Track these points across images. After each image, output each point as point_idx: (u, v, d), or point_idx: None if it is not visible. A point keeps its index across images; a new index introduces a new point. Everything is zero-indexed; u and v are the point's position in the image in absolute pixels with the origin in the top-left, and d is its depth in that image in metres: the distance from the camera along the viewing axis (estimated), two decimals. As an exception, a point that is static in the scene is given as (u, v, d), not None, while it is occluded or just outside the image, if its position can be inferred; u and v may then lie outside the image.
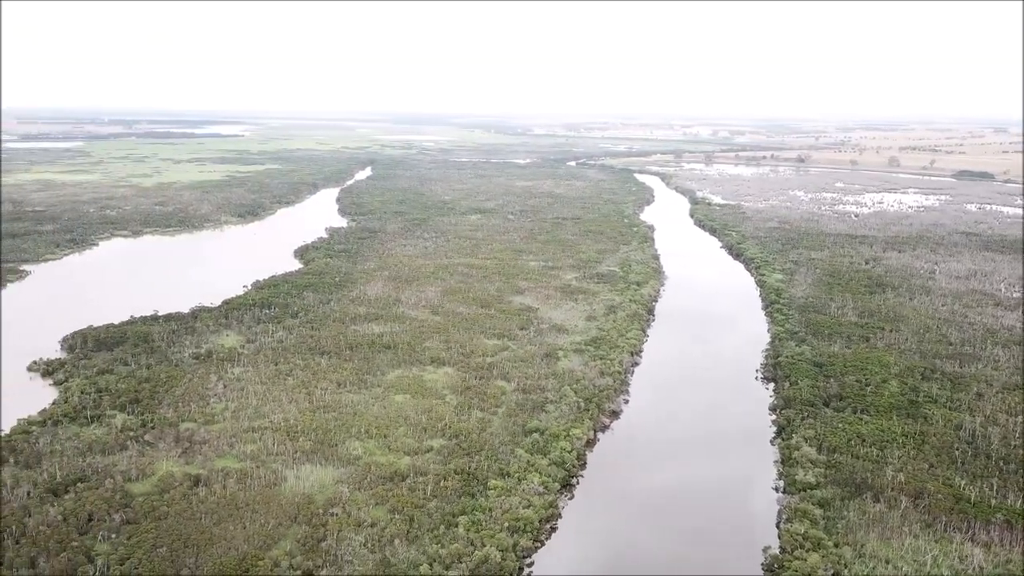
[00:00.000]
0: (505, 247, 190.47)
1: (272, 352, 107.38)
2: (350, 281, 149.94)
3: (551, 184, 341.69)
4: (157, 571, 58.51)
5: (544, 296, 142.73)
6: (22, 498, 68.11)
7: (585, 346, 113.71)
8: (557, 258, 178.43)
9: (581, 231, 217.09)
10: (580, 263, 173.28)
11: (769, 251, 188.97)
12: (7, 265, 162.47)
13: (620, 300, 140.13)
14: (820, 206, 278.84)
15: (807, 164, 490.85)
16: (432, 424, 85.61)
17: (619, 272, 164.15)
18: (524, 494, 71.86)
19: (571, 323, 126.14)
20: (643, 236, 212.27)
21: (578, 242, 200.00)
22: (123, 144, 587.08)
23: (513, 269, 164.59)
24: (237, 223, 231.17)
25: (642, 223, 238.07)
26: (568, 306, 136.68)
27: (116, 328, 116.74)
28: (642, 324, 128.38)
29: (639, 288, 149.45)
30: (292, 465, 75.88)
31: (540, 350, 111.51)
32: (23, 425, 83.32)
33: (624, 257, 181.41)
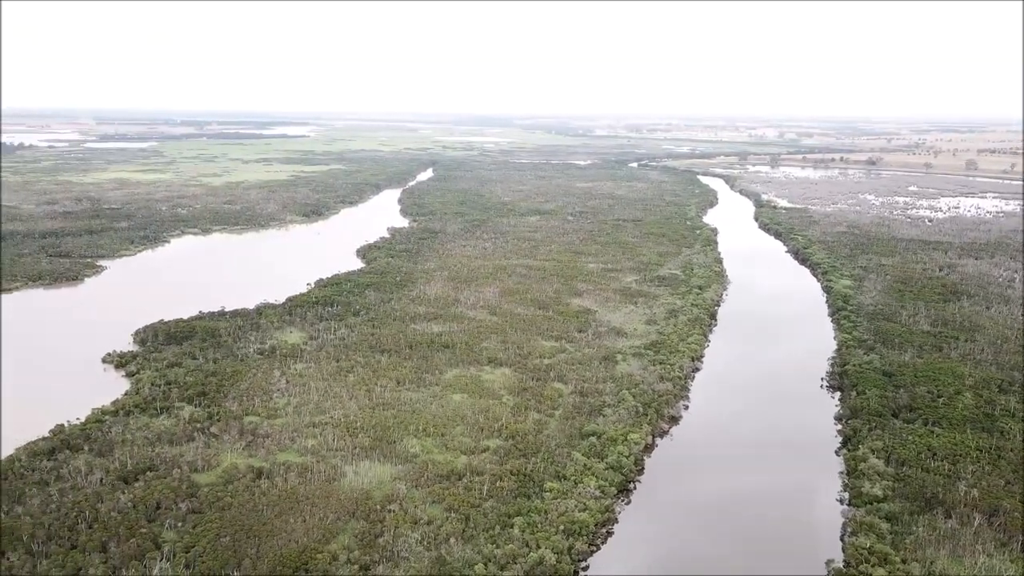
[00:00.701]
0: (564, 249, 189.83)
1: (334, 349, 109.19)
2: (410, 281, 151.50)
3: (611, 186, 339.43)
4: (220, 560, 59.98)
5: (603, 298, 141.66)
6: (95, 484, 70.70)
7: (644, 350, 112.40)
8: (617, 260, 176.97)
9: (642, 233, 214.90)
10: (640, 266, 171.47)
11: (837, 256, 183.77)
12: (85, 260, 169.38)
13: (681, 304, 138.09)
14: (892, 210, 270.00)
15: (878, 167, 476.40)
16: (489, 424, 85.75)
17: (681, 275, 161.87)
18: (580, 497, 71.33)
19: (630, 326, 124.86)
20: (706, 239, 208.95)
21: (639, 244, 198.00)
22: (194, 144, 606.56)
23: (572, 271, 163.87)
24: (302, 222, 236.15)
25: (705, 226, 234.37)
26: (627, 309, 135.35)
27: (185, 323, 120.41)
28: (704, 329, 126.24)
29: (701, 292, 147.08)
30: (351, 461, 76.94)
31: (598, 353, 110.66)
32: (97, 414, 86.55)
33: (686, 260, 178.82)
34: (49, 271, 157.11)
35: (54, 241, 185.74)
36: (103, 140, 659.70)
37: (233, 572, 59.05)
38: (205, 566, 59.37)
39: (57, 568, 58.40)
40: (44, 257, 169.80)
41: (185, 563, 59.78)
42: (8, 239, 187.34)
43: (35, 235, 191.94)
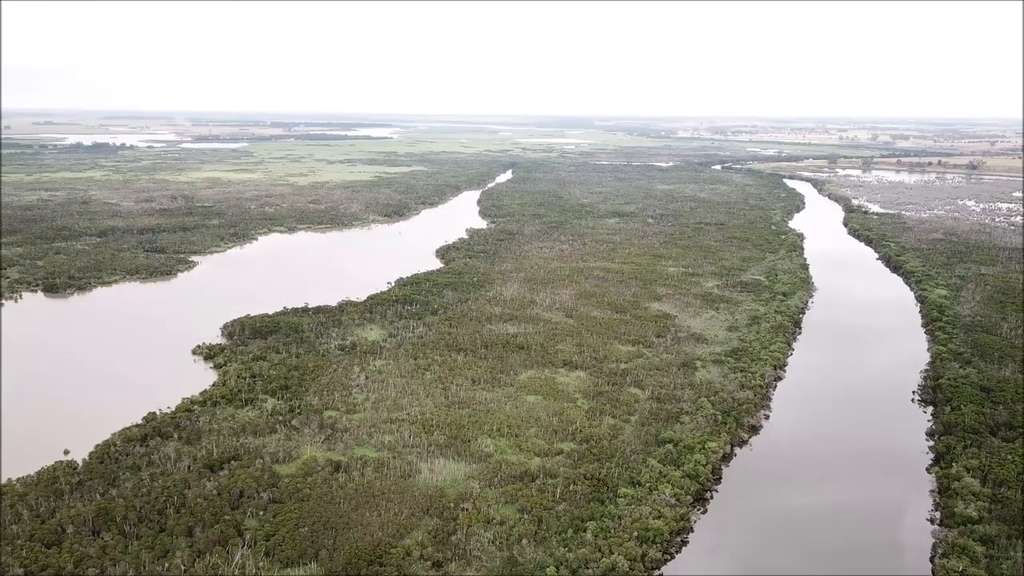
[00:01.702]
0: (643, 252, 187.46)
1: (412, 347, 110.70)
2: (487, 281, 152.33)
3: (694, 188, 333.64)
4: (298, 550, 61.44)
5: (683, 303, 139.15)
6: (183, 471, 73.58)
7: (725, 357, 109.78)
8: (698, 264, 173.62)
9: (724, 237, 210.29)
10: (722, 270, 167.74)
11: (932, 264, 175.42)
12: (179, 256, 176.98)
13: (764, 310, 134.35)
14: (994, 217, 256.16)
15: (980, 171, 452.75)
16: (563, 427, 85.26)
17: (764, 281, 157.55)
18: (655, 504, 70.08)
19: (711, 332, 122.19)
20: (792, 244, 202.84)
21: (721, 248, 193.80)
22: (282, 145, 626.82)
23: (651, 274, 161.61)
24: (383, 222, 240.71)
25: (791, 231, 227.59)
26: (708, 315, 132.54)
27: (270, 318, 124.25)
28: (787, 336, 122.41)
29: (786, 299, 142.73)
30: (426, 458, 77.72)
31: (677, 359, 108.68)
32: (186, 404, 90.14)
33: (770, 266, 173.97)
34: (145, 266, 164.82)
35: (150, 237, 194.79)
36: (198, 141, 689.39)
37: (311, 562, 60.41)
38: (284, 555, 60.92)
39: (147, 550, 60.95)
40: (141, 252, 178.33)
41: (265, 551, 61.49)
42: (109, 234, 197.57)
43: (133, 231, 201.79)
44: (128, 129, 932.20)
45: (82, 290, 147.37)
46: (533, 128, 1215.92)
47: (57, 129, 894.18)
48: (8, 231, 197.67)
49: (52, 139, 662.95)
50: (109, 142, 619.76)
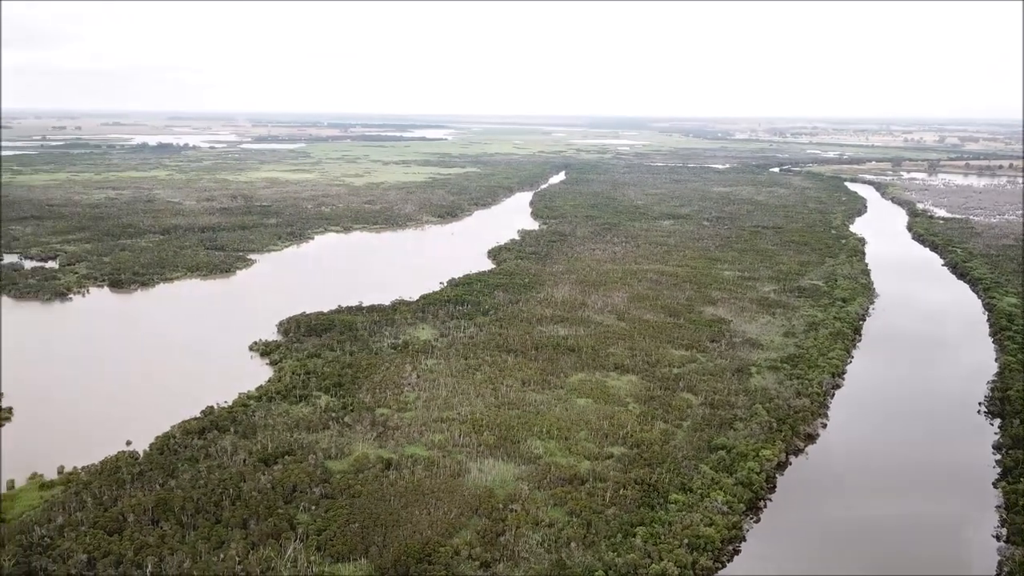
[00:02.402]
0: (698, 255, 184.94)
1: (463, 347, 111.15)
2: (538, 283, 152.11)
3: (751, 191, 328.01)
4: (349, 545, 62.14)
5: (738, 308, 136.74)
6: (239, 464, 75.15)
7: (781, 363, 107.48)
8: (754, 268, 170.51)
9: (782, 241, 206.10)
10: (779, 275, 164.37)
11: (1002, 271, 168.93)
12: (238, 254, 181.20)
13: (823, 317, 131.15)
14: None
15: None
16: (613, 431, 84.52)
17: (823, 286, 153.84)
18: (706, 512, 68.92)
19: (767, 338, 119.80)
20: (852, 249, 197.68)
21: (778, 252, 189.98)
22: (339, 146, 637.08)
23: (706, 278, 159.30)
24: (437, 223, 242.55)
25: (852, 235, 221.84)
26: (764, 320, 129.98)
27: (325, 316, 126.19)
28: (847, 344, 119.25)
29: (845, 305, 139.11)
30: (476, 458, 77.88)
31: (731, 364, 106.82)
32: (243, 399, 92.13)
33: (829, 271, 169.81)
34: (206, 263, 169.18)
35: (211, 235, 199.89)
36: (257, 141, 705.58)
37: (361, 558, 61.03)
38: (335, 550, 61.69)
39: (203, 541, 62.39)
40: (202, 250, 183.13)
41: (317, 546, 62.36)
42: (172, 232, 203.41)
43: (195, 229, 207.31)
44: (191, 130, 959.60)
45: (145, 286, 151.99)
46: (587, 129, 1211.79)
47: (124, 130, 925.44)
48: (77, 228, 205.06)
49: (120, 139, 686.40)
50: (173, 142, 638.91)
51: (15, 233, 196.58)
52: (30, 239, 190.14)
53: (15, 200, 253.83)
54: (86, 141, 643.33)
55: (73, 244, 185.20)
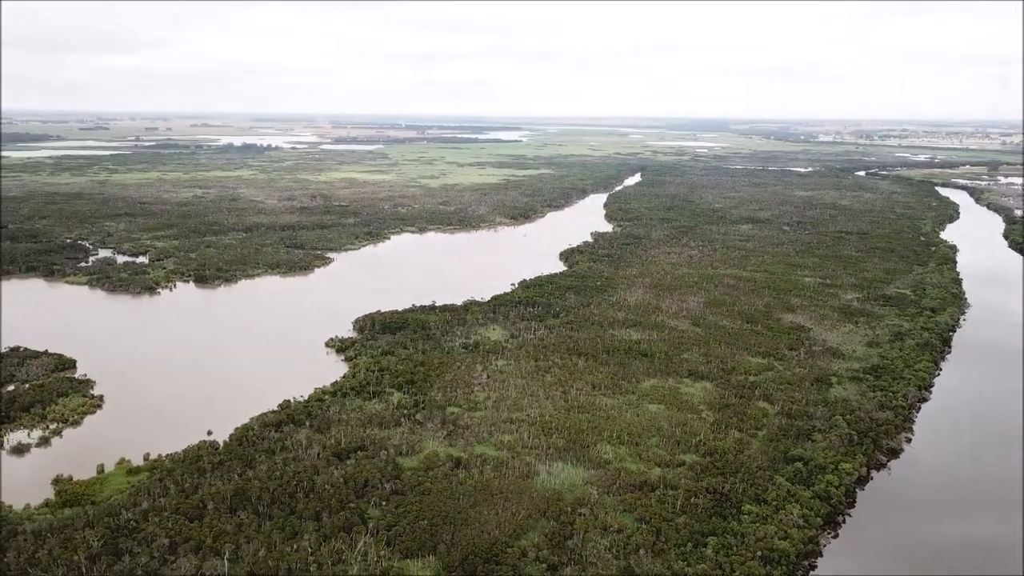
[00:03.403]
0: (778, 260, 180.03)
1: (533, 349, 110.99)
2: (611, 286, 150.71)
3: (834, 195, 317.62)
4: (418, 542, 62.70)
5: (819, 315, 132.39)
6: (313, 458, 76.79)
7: (864, 374, 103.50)
8: (837, 275, 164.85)
9: (867, 247, 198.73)
10: (863, 282, 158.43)
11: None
12: (316, 252, 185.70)
13: (910, 327, 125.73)
14: None
15: None
16: (686, 438, 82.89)
17: (910, 295, 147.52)
18: (781, 524, 66.83)
19: (848, 347, 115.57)
20: (943, 257, 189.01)
21: (862, 259, 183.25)
22: (416, 148, 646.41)
23: (785, 284, 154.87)
24: (510, 224, 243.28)
25: (942, 242, 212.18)
26: (846, 328, 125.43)
27: (399, 314, 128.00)
28: (934, 355, 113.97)
29: (934, 315, 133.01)
30: (544, 460, 77.54)
31: (810, 373, 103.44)
32: (318, 394, 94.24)
33: (917, 279, 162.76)
34: (285, 260, 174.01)
35: (291, 234, 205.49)
36: (337, 142, 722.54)
37: (429, 555, 61.48)
38: (404, 546, 62.35)
39: (278, 531, 63.99)
40: (282, 248, 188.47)
41: (386, 540, 63.16)
42: (254, 230, 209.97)
43: (276, 228, 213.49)
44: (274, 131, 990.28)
45: (228, 282, 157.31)
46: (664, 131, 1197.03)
47: (212, 131, 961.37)
48: (166, 225, 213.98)
49: (207, 140, 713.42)
50: (257, 143, 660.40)
51: (109, 229, 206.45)
52: (123, 235, 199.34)
53: (109, 198, 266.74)
54: (176, 142, 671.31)
55: (162, 240, 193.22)
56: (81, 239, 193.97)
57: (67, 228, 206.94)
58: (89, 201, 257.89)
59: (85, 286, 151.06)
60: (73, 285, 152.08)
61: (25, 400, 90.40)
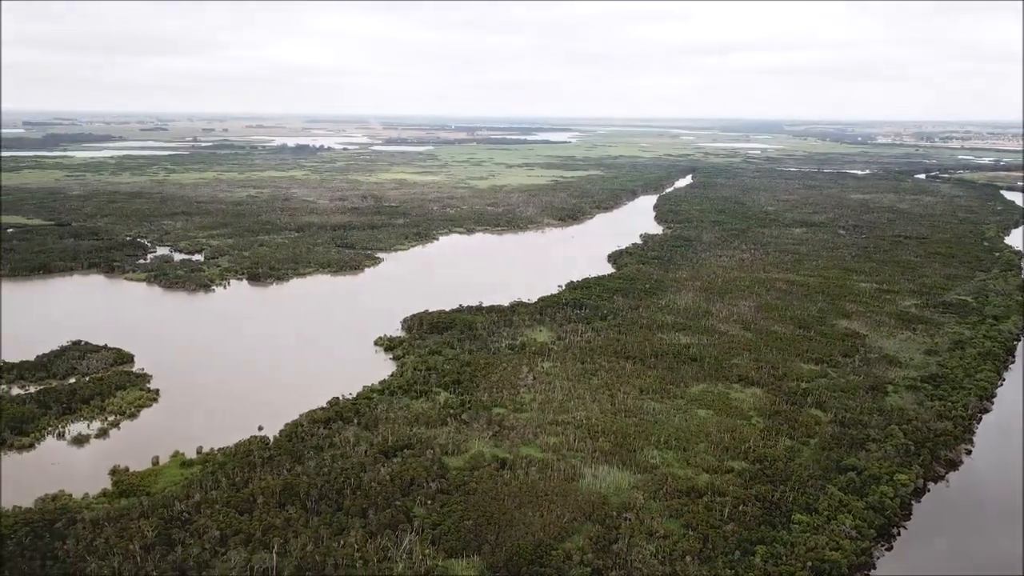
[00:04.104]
0: (832, 264, 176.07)
1: (580, 351, 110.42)
2: (660, 288, 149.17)
3: (892, 198, 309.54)
4: (463, 541, 62.85)
5: (875, 322, 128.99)
6: (360, 455, 77.54)
7: (921, 383, 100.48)
8: (894, 281, 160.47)
9: (926, 252, 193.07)
10: (922, 288, 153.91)
11: None
12: (366, 252, 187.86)
13: (971, 335, 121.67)
14: None
15: None
16: (735, 445, 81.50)
17: (972, 302, 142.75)
18: (833, 535, 65.19)
19: (905, 355, 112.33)
20: (1007, 263, 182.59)
21: (921, 264, 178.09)
22: (465, 149, 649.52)
23: (840, 289, 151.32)
24: (558, 226, 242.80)
25: (1007, 247, 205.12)
26: (903, 336, 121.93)
27: (446, 314, 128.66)
28: (997, 365, 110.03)
29: (997, 323, 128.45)
30: (590, 463, 77.03)
31: (865, 381, 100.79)
32: (366, 392, 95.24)
33: (979, 285, 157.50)
34: (336, 260, 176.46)
35: (342, 233, 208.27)
36: (387, 143, 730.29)
37: (474, 555, 61.56)
38: (449, 545, 62.54)
39: (325, 526, 64.78)
40: (333, 247, 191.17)
41: (432, 539, 63.43)
42: (305, 230, 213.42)
43: (327, 227, 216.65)
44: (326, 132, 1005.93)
45: (280, 280, 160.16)
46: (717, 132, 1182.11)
47: (266, 131, 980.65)
48: (221, 224, 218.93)
49: (262, 141, 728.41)
50: (309, 144, 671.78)
51: (167, 227, 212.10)
52: (180, 233, 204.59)
53: (168, 197, 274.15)
54: (232, 142, 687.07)
55: (217, 239, 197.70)
56: (140, 237, 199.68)
57: (127, 226, 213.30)
58: (148, 200, 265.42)
59: (143, 283, 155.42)
60: (132, 281, 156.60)
61: (86, 392, 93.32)
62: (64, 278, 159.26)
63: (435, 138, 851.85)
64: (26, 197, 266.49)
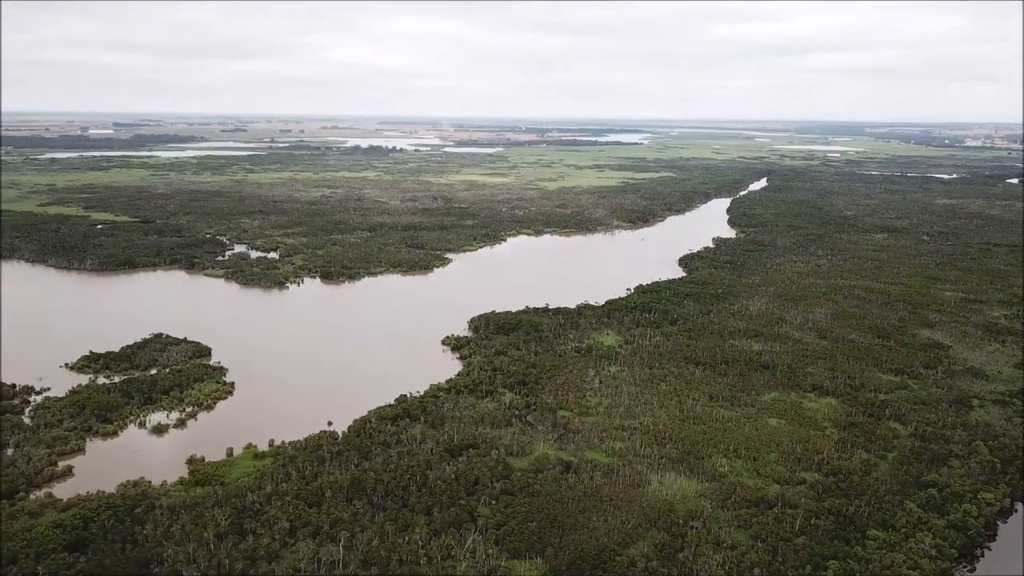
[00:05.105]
0: (915, 272, 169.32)
1: (648, 356, 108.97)
2: (732, 294, 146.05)
3: (981, 204, 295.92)
4: (526, 543, 62.68)
5: (960, 332, 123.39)
6: (426, 453, 78.27)
7: (1010, 398, 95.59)
8: (981, 290, 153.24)
9: (1017, 261, 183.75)
10: (1013, 299, 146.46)
11: None
12: (435, 252, 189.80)
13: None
14: None
15: None
16: (807, 456, 79.04)
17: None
18: (911, 553, 62.52)
19: (993, 368, 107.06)
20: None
21: (1012, 273, 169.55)
22: (535, 151, 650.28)
23: (923, 298, 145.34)
24: (627, 228, 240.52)
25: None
26: (991, 348, 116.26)
27: (513, 315, 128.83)
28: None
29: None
30: (656, 469, 75.89)
31: (948, 394, 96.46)
32: (433, 390, 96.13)
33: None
34: (407, 260, 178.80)
35: (412, 234, 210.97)
36: (459, 145, 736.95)
37: (537, 557, 61.33)
38: (512, 546, 62.47)
39: (390, 522, 65.56)
40: (404, 247, 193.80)
41: (495, 539, 63.48)
42: (377, 230, 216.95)
43: (398, 228, 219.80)
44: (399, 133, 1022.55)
45: (352, 279, 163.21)
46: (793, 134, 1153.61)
47: (340, 133, 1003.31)
48: (296, 223, 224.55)
49: (336, 142, 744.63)
50: (382, 145, 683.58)
51: (244, 226, 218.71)
52: (256, 231, 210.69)
53: (246, 196, 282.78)
54: (307, 143, 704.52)
55: (292, 237, 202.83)
56: (219, 235, 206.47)
57: (207, 224, 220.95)
58: (227, 199, 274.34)
59: (221, 279, 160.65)
60: (211, 278, 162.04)
61: (166, 384, 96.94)
62: (148, 273, 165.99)
63: (505, 140, 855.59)
64: (115, 195, 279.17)
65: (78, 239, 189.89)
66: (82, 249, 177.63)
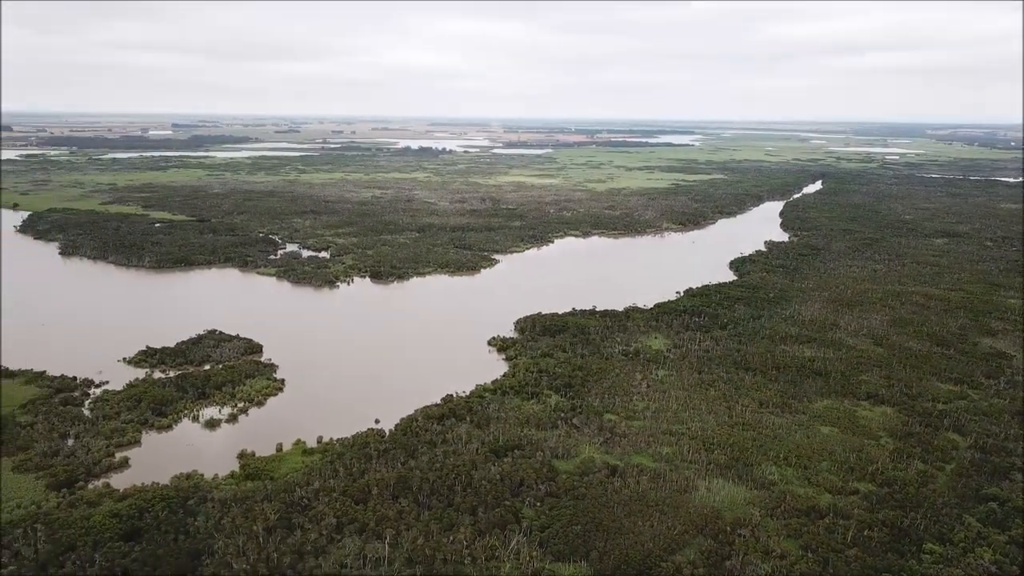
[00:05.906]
0: (977, 278, 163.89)
1: (696, 360, 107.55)
2: (784, 298, 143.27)
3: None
4: (571, 546, 62.34)
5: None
6: (472, 453, 78.48)
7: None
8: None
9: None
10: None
11: None
12: (483, 253, 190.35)
13: None
14: None
15: None
16: (861, 465, 77.05)
17: None
18: (969, 569, 60.46)
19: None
20: None
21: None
22: (584, 152, 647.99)
23: (985, 305, 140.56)
24: (677, 230, 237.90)
25: None
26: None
27: (559, 317, 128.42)
28: None
29: None
30: (704, 476, 74.82)
31: (1011, 405, 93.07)
32: (479, 390, 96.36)
33: None
34: (455, 260, 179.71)
35: (460, 235, 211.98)
36: (508, 147, 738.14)
37: (581, 561, 60.96)
38: (556, 548, 62.20)
39: (435, 521, 65.88)
40: (452, 248, 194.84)
41: (539, 542, 63.29)
42: (426, 230, 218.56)
43: (446, 229, 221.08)
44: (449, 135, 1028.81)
45: (401, 279, 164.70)
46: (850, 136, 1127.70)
47: (391, 134, 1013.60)
48: (346, 223, 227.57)
49: (386, 143, 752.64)
50: (432, 146, 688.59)
51: (296, 225, 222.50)
52: (308, 231, 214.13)
53: (298, 196, 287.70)
54: (358, 144, 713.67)
55: (342, 237, 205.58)
56: (272, 234, 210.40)
57: (260, 223, 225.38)
58: (280, 199, 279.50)
59: (273, 277, 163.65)
60: (263, 276, 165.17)
61: (218, 379, 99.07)
62: (203, 271, 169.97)
63: (554, 141, 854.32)
64: (172, 194, 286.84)
65: (137, 237, 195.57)
66: (140, 247, 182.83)
